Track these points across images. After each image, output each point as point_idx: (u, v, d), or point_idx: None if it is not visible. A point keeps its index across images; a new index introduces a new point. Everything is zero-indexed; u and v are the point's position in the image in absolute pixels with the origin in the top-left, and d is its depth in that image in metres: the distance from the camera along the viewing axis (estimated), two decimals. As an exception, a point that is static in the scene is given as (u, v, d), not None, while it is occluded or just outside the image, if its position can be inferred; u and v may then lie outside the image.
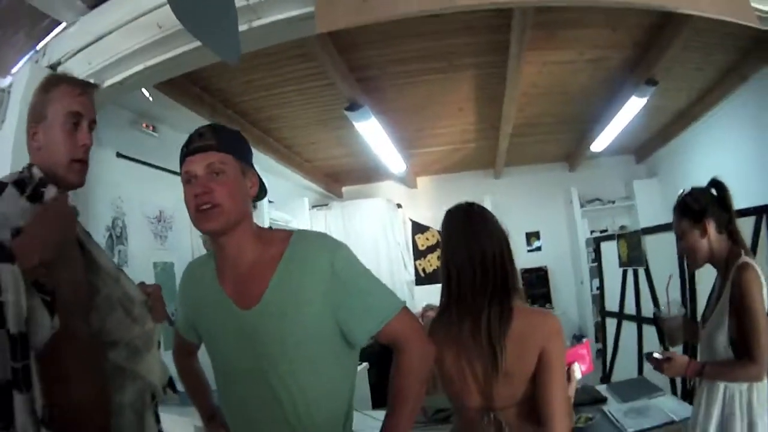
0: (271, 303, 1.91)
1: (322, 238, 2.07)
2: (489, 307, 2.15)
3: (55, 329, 1.67)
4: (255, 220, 2.08)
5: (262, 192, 2.09)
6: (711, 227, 2.78)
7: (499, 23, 4.88)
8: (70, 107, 2.01)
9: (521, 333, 2.11)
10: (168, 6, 2.92)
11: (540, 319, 2.21)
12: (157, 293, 2.21)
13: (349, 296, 1.93)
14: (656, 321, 3.29)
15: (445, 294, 2.32)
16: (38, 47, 3.66)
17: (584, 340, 4.41)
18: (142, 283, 2.23)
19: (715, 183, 2.88)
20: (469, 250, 2.23)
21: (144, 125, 5.24)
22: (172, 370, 2.36)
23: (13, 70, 3.67)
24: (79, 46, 3.52)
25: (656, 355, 2.86)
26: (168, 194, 5.22)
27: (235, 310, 1.96)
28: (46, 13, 3.47)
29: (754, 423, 2.63)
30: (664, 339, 3.31)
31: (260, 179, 2.09)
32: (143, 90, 4.49)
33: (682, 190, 2.92)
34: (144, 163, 5.15)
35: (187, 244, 5.65)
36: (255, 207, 2.13)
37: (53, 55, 3.56)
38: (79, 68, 3.44)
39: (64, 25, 3.59)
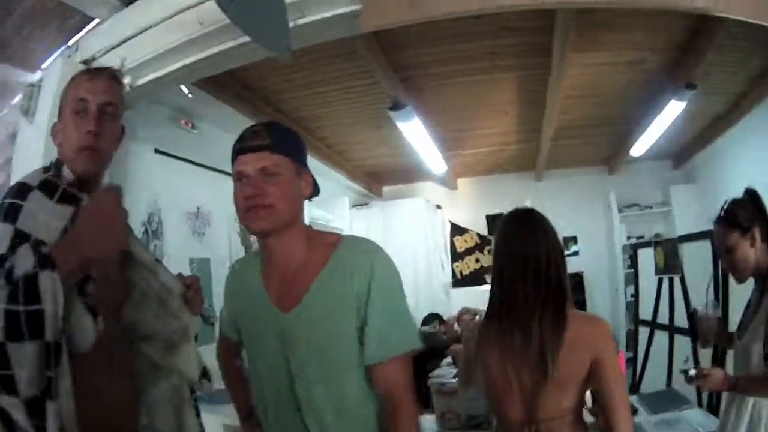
0: (309, 307, 1.92)
1: (367, 244, 2.05)
2: (542, 316, 2.14)
3: (100, 333, 1.66)
4: (299, 219, 2.09)
5: (315, 191, 2.09)
6: (758, 236, 2.74)
7: (542, 24, 4.88)
8: (78, 94, 1.92)
9: (573, 339, 2.12)
10: (208, 2, 2.98)
11: (590, 324, 2.21)
12: (196, 285, 2.14)
13: (372, 313, 1.91)
14: (692, 319, 3.26)
15: (496, 298, 2.30)
16: (70, 43, 3.69)
17: (619, 351, 4.41)
18: (180, 275, 2.16)
19: (751, 192, 2.84)
20: (525, 255, 2.22)
21: (183, 122, 5.23)
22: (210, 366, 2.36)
23: (43, 66, 3.71)
24: (114, 42, 3.56)
25: (691, 372, 2.82)
26: (206, 190, 5.27)
27: (275, 311, 1.96)
28: (79, 9, 3.50)
29: None
30: (697, 338, 3.24)
31: (314, 179, 2.07)
32: (182, 87, 4.55)
33: (724, 202, 2.87)
34: (182, 159, 5.17)
35: (224, 241, 5.69)
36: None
37: (86, 51, 3.60)
38: (113, 64, 3.35)
39: (97, 21, 3.63)
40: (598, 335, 2.16)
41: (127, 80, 3.31)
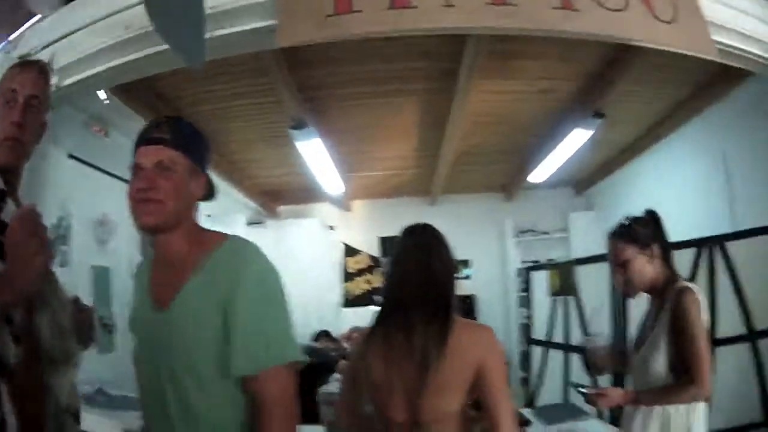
0: (178, 309, 1.84)
1: (246, 248, 1.94)
2: (427, 321, 2.19)
3: (17, 359, 1.67)
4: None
5: (209, 194, 2.02)
6: (656, 253, 2.87)
7: (452, 50, 4.92)
8: (9, 85, 1.94)
9: (457, 345, 2.15)
10: (136, 7, 2.98)
11: (477, 331, 2.27)
12: (88, 318, 2.10)
13: (237, 321, 1.76)
14: (584, 352, 3.35)
15: (385, 304, 2.36)
16: (11, 38, 3.62)
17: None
18: (77, 299, 2.11)
19: (651, 212, 2.98)
20: (417, 266, 2.30)
21: (96, 129, 5.16)
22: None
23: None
24: (47, 41, 3.48)
25: (584, 390, 2.90)
26: (114, 200, 5.03)
27: (152, 311, 1.91)
28: (24, 5, 3.47)
29: None
30: (590, 369, 3.36)
31: (210, 181, 2.02)
32: (101, 93, 4.47)
33: (622, 218, 2.99)
34: (93, 166, 5.10)
35: (126, 251, 5.52)
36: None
37: (24, 48, 3.50)
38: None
39: (38, 17, 3.57)
40: (484, 342, 2.21)
41: (54, 79, 3.12)
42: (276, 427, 1.77)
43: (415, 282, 2.27)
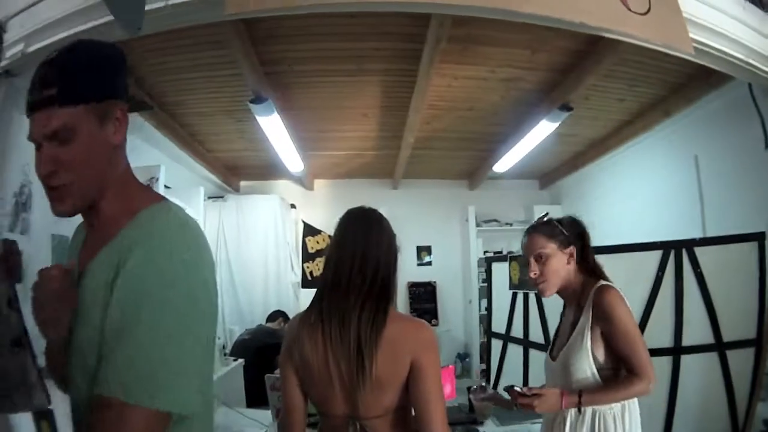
0: (83, 283, 1.50)
1: (158, 220, 1.51)
2: (361, 310, 2.10)
3: None
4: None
5: (138, 108, 1.65)
6: (575, 256, 2.83)
7: (415, 32, 4.83)
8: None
9: (393, 339, 2.07)
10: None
11: (413, 327, 2.15)
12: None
13: (108, 320, 1.38)
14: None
15: (323, 287, 2.24)
16: None
17: (449, 365, 4.43)
18: None
19: (573, 218, 2.97)
20: (356, 251, 2.20)
21: None
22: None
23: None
24: (19, 8, 3.49)
25: (518, 389, 2.72)
26: None
27: (74, 282, 1.54)
28: None
29: None
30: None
31: (131, 101, 1.64)
32: None
33: (545, 213, 3.02)
34: None
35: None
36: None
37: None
38: (13, 31, 3.49)
39: None
40: (420, 339, 2.10)
41: (20, 46, 3.44)
42: None
43: (351, 267, 2.18)
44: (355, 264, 2.17)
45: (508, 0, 3.12)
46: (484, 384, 3.13)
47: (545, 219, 2.95)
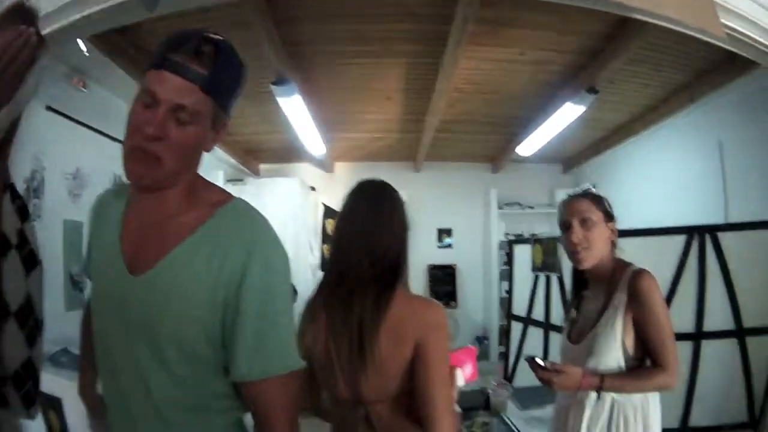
0: (159, 278, 1.51)
1: (254, 219, 1.60)
2: (366, 294, 2.01)
3: None
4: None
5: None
6: (616, 233, 2.75)
7: (443, 12, 4.75)
8: None
9: (398, 321, 1.97)
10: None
11: (421, 307, 2.04)
12: None
13: (244, 317, 1.49)
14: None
15: (330, 267, 2.19)
16: None
17: (471, 346, 4.39)
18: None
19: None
20: (364, 228, 2.11)
21: (75, 80, 5.12)
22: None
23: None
24: None
25: (540, 361, 2.62)
26: (89, 153, 5.14)
27: (122, 270, 1.56)
28: None
29: None
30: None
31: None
32: (80, 43, 4.36)
33: (590, 185, 2.97)
34: (70, 118, 5.02)
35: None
36: None
37: None
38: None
39: None
40: (426, 319, 1.99)
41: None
42: None
43: (359, 245, 2.08)
44: (363, 243, 2.08)
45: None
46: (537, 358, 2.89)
47: (591, 189, 2.87)
